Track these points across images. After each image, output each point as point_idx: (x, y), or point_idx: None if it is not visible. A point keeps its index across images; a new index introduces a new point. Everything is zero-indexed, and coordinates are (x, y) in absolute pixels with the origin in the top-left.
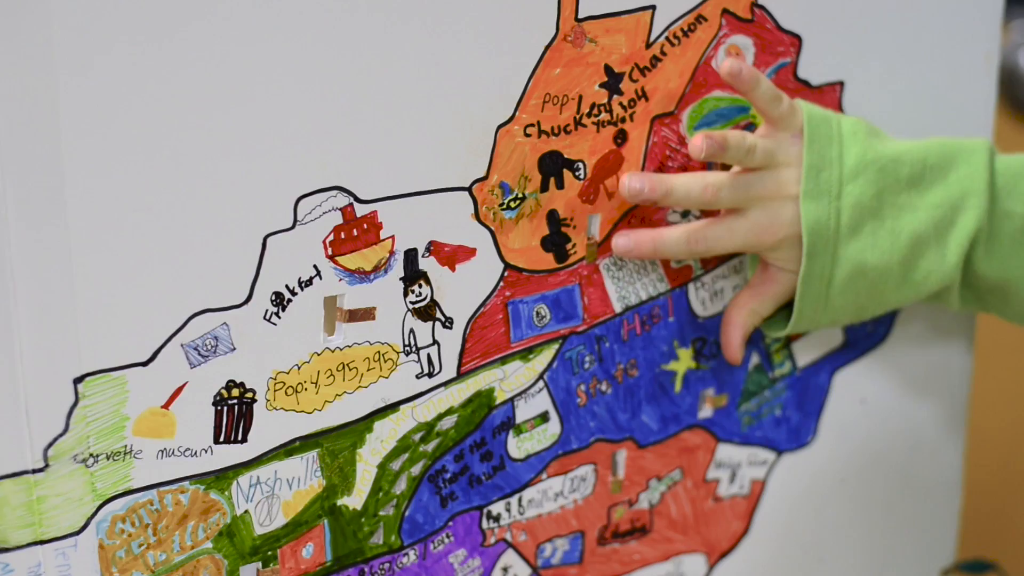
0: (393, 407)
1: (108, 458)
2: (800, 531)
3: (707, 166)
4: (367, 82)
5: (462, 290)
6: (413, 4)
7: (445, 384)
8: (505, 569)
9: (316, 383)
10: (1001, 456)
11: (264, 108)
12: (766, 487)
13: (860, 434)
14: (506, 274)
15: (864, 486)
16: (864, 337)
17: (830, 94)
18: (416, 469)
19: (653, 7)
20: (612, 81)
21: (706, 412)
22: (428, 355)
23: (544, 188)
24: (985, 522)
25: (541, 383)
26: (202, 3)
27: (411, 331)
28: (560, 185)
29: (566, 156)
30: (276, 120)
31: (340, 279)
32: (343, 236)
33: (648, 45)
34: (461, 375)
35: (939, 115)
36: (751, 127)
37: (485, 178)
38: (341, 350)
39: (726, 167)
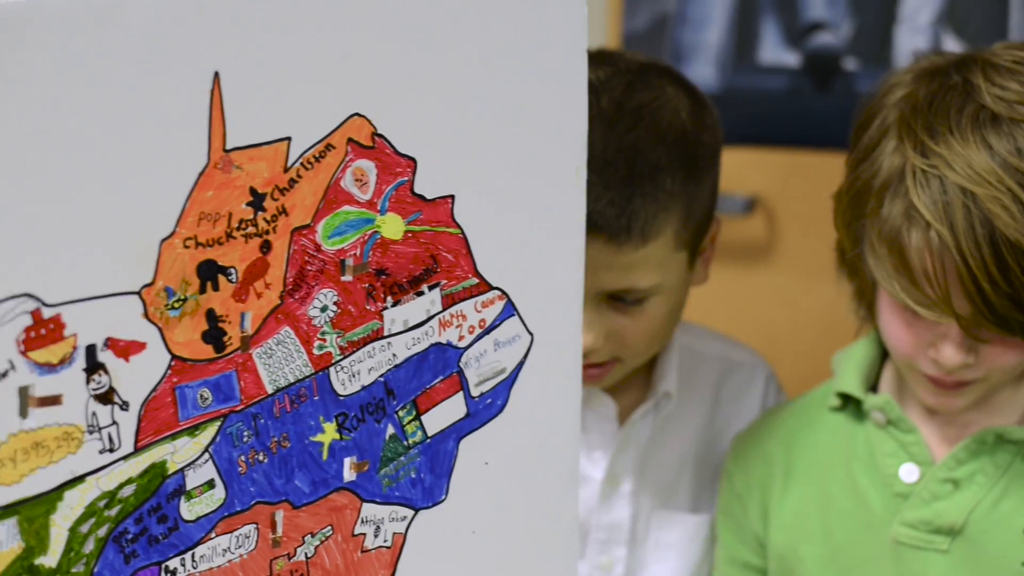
0: (80, 479)
1: None
2: None
3: (340, 267)
4: (48, 204)
5: (136, 378)
6: (88, 138)
7: (124, 458)
8: None
9: (14, 460)
10: None
11: None
12: (406, 540)
13: (485, 492)
14: (173, 363)
15: (492, 537)
16: (484, 408)
17: (443, 206)
18: (102, 531)
19: (289, 138)
20: (257, 200)
21: (351, 476)
22: (109, 434)
23: (203, 291)
24: None
25: (207, 455)
26: None
27: (94, 413)
28: (216, 288)
29: (220, 263)
30: None
31: (31, 371)
32: (33, 335)
33: (286, 169)
34: (138, 450)
35: (537, 223)
36: (376, 235)
37: (152, 283)
38: (35, 431)
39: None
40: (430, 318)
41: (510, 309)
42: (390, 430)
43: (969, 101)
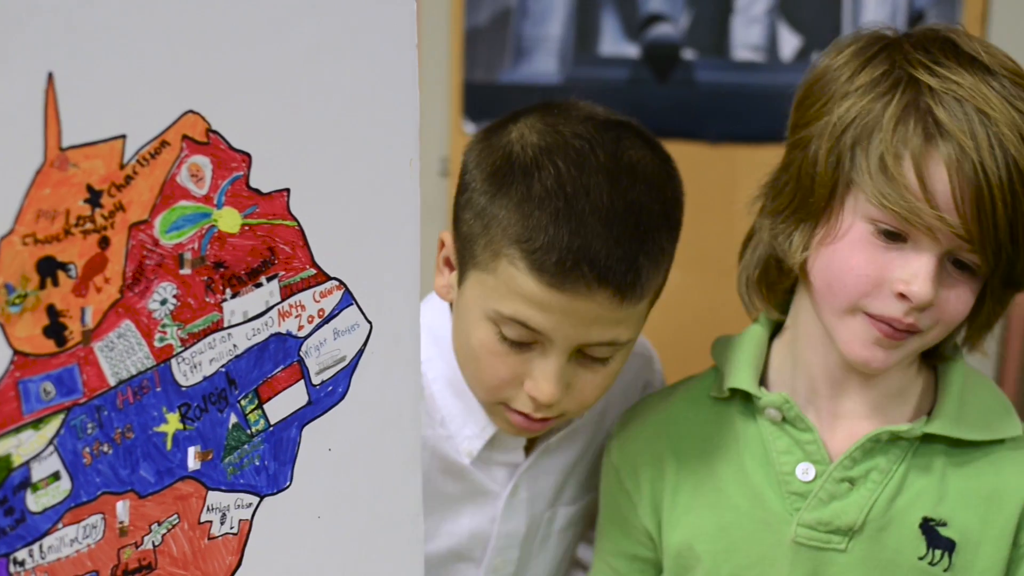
0: None
1: None
2: (286, 561)
3: (178, 261)
4: None
5: None
6: None
7: None
8: None
9: None
10: None
11: None
12: (252, 526)
13: (329, 478)
14: (15, 358)
15: (338, 521)
16: (326, 396)
17: (278, 199)
18: None
19: (124, 136)
20: (94, 197)
21: (195, 465)
22: None
23: (43, 287)
24: None
25: (52, 448)
26: None
27: None
28: (56, 283)
29: (59, 259)
30: None
31: None
32: None
33: (122, 166)
34: None
35: (372, 214)
36: (213, 229)
37: None
38: None
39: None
40: (269, 309)
41: (348, 298)
42: (233, 419)
43: (956, 46)
